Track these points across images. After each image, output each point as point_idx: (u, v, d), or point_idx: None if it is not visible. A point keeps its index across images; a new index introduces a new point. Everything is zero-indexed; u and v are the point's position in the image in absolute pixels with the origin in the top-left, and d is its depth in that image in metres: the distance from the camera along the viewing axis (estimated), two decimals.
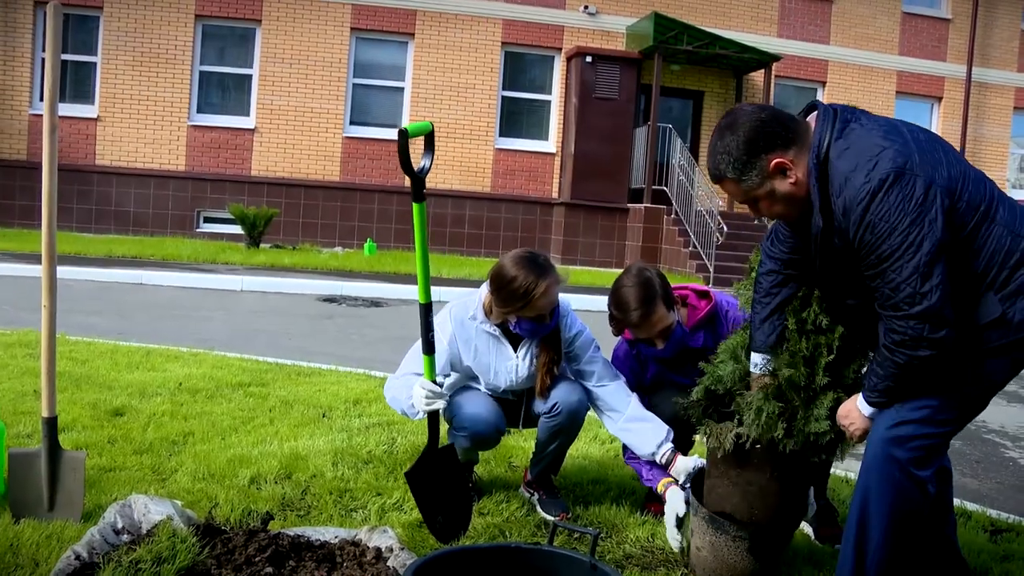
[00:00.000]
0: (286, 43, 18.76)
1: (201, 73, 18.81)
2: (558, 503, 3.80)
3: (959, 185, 2.57)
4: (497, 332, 3.70)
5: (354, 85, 19.22)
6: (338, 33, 18.94)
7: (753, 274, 3.22)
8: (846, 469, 4.40)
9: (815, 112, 2.74)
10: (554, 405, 3.68)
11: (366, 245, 17.71)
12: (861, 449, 2.86)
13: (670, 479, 3.58)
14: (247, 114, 18.87)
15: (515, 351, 3.72)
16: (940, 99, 22.16)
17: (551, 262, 3.63)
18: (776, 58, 19.58)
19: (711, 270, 16.46)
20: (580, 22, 19.75)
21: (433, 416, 3.49)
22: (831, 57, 21.39)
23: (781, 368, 3.04)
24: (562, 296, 3.66)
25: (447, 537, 3.34)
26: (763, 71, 19.97)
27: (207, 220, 18.71)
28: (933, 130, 3.49)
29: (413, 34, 19.24)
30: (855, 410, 2.82)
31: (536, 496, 3.84)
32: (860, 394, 2.80)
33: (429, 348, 3.42)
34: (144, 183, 18.33)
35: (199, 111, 18.79)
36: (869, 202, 2.51)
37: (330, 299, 11.75)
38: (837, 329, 2.98)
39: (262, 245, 16.84)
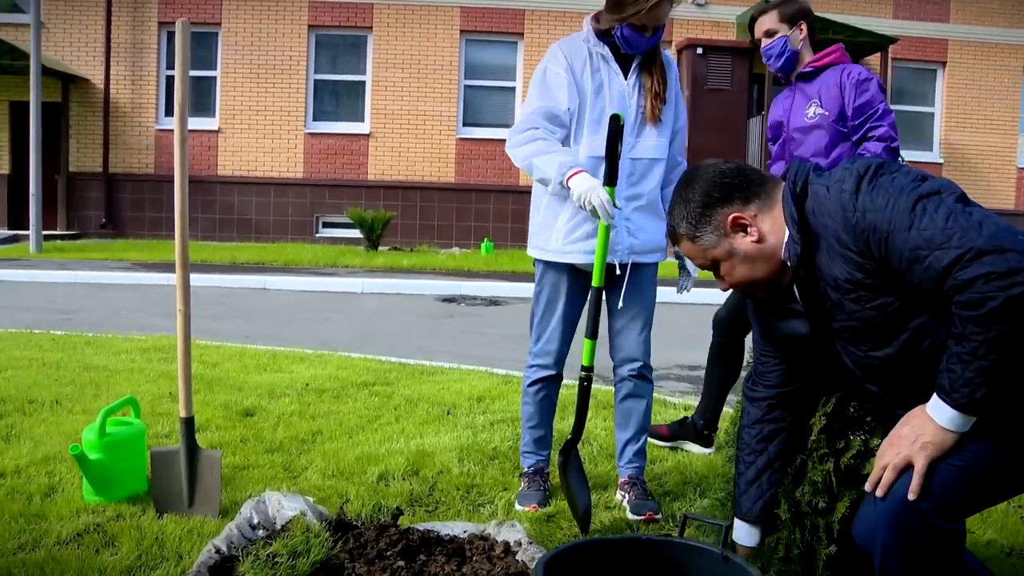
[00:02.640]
0: (397, 48, 19.02)
1: (316, 81, 19.21)
2: (648, 503, 3.68)
3: None
4: (607, 53, 3.60)
5: (465, 87, 19.37)
6: (448, 36, 19.12)
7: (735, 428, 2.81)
8: None
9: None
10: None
11: (483, 245, 17.82)
12: None
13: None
14: (361, 120, 19.19)
15: (624, 78, 3.63)
16: None
17: None
18: (893, 40, 19.02)
19: None
20: (690, 13, 19.53)
21: (584, 392, 3.56)
22: (951, 35, 20.68)
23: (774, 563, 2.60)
24: None
25: (586, 527, 3.34)
26: (879, 55, 19.45)
27: (326, 225, 19.08)
28: None
29: (522, 33, 19.30)
30: (925, 420, 2.14)
31: (627, 498, 3.75)
32: (929, 403, 2.15)
33: (593, 333, 3.46)
34: (264, 191, 18.80)
35: (315, 119, 19.19)
36: (855, 201, 2.17)
37: (449, 299, 11.85)
38: (838, 508, 2.48)
39: (380, 248, 17.10)
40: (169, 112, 18.35)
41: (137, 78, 18.84)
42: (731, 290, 2.54)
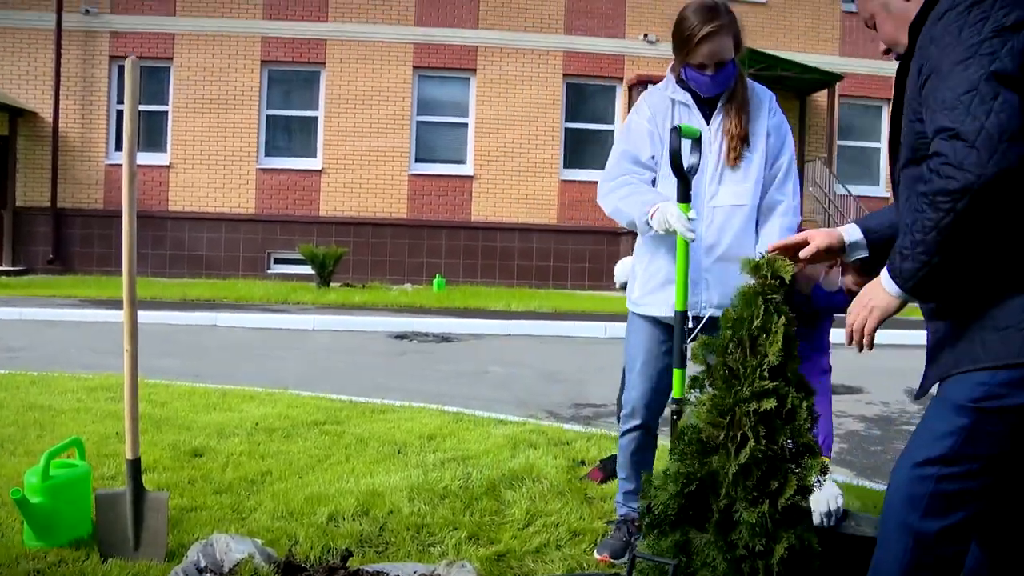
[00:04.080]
0: (350, 84, 19.06)
1: (268, 117, 19.19)
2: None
3: None
4: (688, 99, 3.57)
5: (418, 122, 19.43)
6: (400, 72, 19.19)
7: None
8: None
9: None
10: None
11: (435, 281, 17.82)
12: None
13: None
14: (314, 155, 19.18)
15: (707, 123, 3.57)
16: None
17: (732, 12, 3.45)
18: (839, 77, 19.41)
19: None
20: (640, 51, 19.77)
21: (673, 425, 3.47)
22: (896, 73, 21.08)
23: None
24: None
25: None
26: (826, 91, 19.81)
27: (278, 261, 19.00)
28: None
29: (475, 69, 19.42)
30: (875, 285, 2.34)
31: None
32: (884, 268, 2.32)
33: (682, 361, 3.29)
34: (216, 227, 18.69)
35: (267, 154, 19.15)
36: (938, 18, 2.22)
37: (401, 336, 11.82)
38: (776, 550, 2.48)
39: (332, 284, 17.03)
40: (120, 147, 18.22)
41: (87, 112, 18.71)
42: None
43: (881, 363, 10.22)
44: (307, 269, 17.51)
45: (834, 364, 4.29)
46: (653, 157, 3.54)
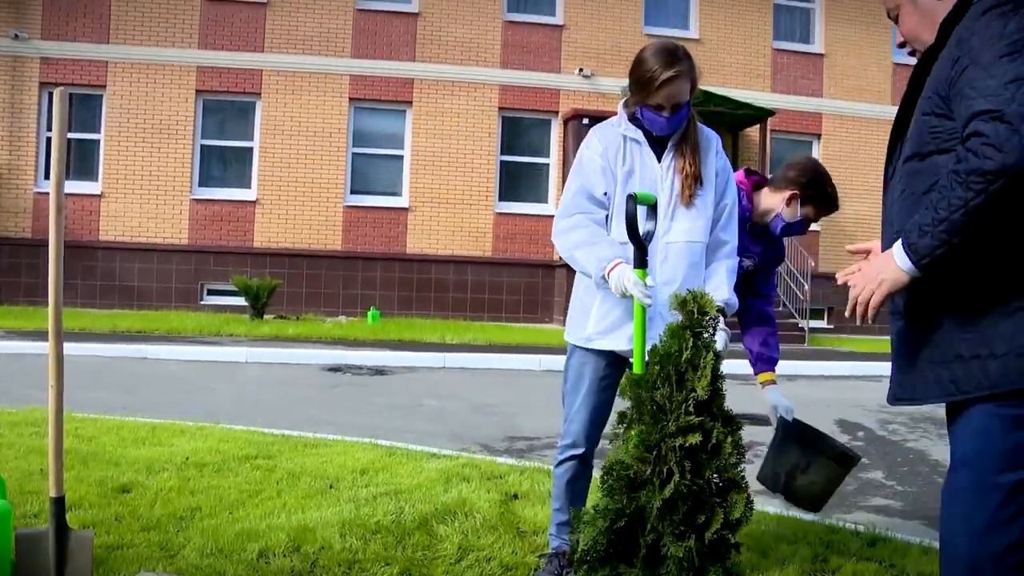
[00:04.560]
0: (286, 115, 18.99)
1: (202, 147, 19.02)
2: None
3: None
4: (640, 137, 3.62)
5: (354, 154, 19.41)
6: (336, 103, 19.17)
7: None
8: None
9: None
10: None
11: (369, 313, 17.75)
12: None
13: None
14: (248, 186, 19.05)
15: (659, 161, 3.62)
16: None
17: (690, 57, 3.53)
18: (771, 113, 19.77)
19: None
20: (576, 85, 19.97)
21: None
22: (825, 110, 21.60)
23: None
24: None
25: None
26: (759, 126, 20.16)
27: (211, 292, 18.79)
28: None
29: (411, 102, 19.46)
30: (887, 258, 2.37)
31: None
32: (899, 242, 2.35)
33: None
34: (148, 257, 18.45)
35: (201, 184, 18.97)
36: (980, 14, 2.26)
37: (335, 369, 11.76)
38: None
39: (266, 316, 16.88)
40: (49, 175, 17.93)
41: (15, 139, 18.40)
42: None
43: (810, 394, 10.40)
44: (241, 301, 17.34)
45: (750, 398, 4.44)
46: (606, 193, 3.59)
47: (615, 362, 3.62)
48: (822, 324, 20.97)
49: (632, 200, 3.27)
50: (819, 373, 13.30)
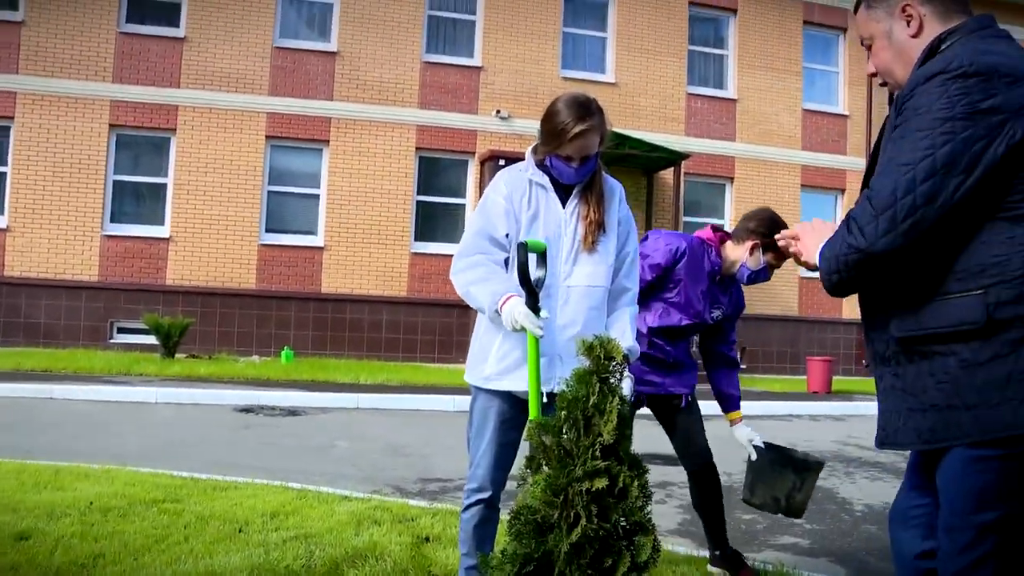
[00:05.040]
0: (201, 151, 18.79)
1: (115, 182, 18.70)
2: None
3: None
4: (546, 183, 3.67)
5: (269, 192, 19.27)
6: (253, 141, 19.04)
7: None
8: None
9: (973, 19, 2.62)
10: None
11: (283, 353, 17.58)
12: None
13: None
14: (162, 223, 18.77)
15: (563, 207, 3.68)
16: (843, 191, 22.96)
17: (602, 111, 3.65)
18: (684, 156, 20.13)
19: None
20: (493, 126, 20.12)
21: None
22: (738, 153, 22.07)
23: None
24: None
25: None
26: (673, 169, 20.51)
27: (121, 331, 18.41)
28: (837, 221, 3.41)
29: (328, 141, 19.41)
30: (823, 235, 2.61)
31: None
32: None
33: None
34: (55, 294, 18.04)
35: (113, 220, 18.63)
36: (930, 76, 2.37)
37: (247, 409, 11.61)
38: None
39: (177, 355, 16.58)
40: None
41: None
42: None
43: (723, 433, 10.50)
44: (152, 339, 17.02)
45: (662, 437, 4.65)
46: (508, 235, 3.63)
47: (518, 403, 3.64)
48: None
49: (523, 248, 3.34)
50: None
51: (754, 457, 4.89)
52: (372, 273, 19.32)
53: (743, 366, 21.37)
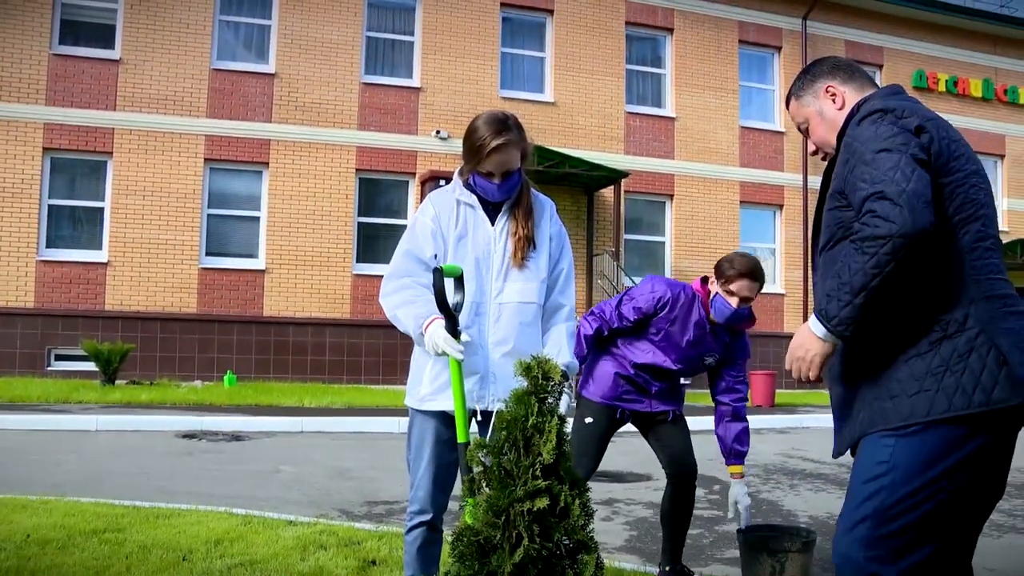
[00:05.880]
0: (139, 175, 18.60)
1: (50, 206, 18.43)
2: None
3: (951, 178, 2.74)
4: (474, 202, 3.71)
5: (209, 215, 19.11)
6: (191, 163, 18.90)
7: None
8: None
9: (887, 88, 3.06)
10: None
11: (226, 377, 17.42)
12: None
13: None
14: (100, 247, 18.53)
15: (492, 225, 3.71)
16: (781, 207, 23.35)
17: (521, 127, 3.67)
18: (624, 174, 20.33)
19: (574, 385, 16.72)
20: (432, 147, 20.17)
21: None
22: (677, 171, 22.33)
23: None
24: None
25: None
26: (613, 187, 20.68)
27: (59, 358, 18.12)
28: (776, 237, 3.67)
29: (267, 163, 19.33)
30: (806, 333, 2.77)
31: None
32: (812, 315, 2.78)
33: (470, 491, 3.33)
34: None
35: (48, 245, 18.35)
36: (858, 123, 2.81)
37: (190, 435, 11.48)
38: None
39: (118, 382, 16.36)
40: None
41: None
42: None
43: (713, 451, 10.59)
44: (91, 366, 16.77)
45: (623, 452, 4.64)
46: (436, 256, 3.66)
47: (454, 423, 3.65)
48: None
49: (439, 273, 3.38)
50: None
51: (730, 515, 5.01)
52: (314, 295, 19.23)
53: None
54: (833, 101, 3.08)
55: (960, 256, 2.69)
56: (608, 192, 21.29)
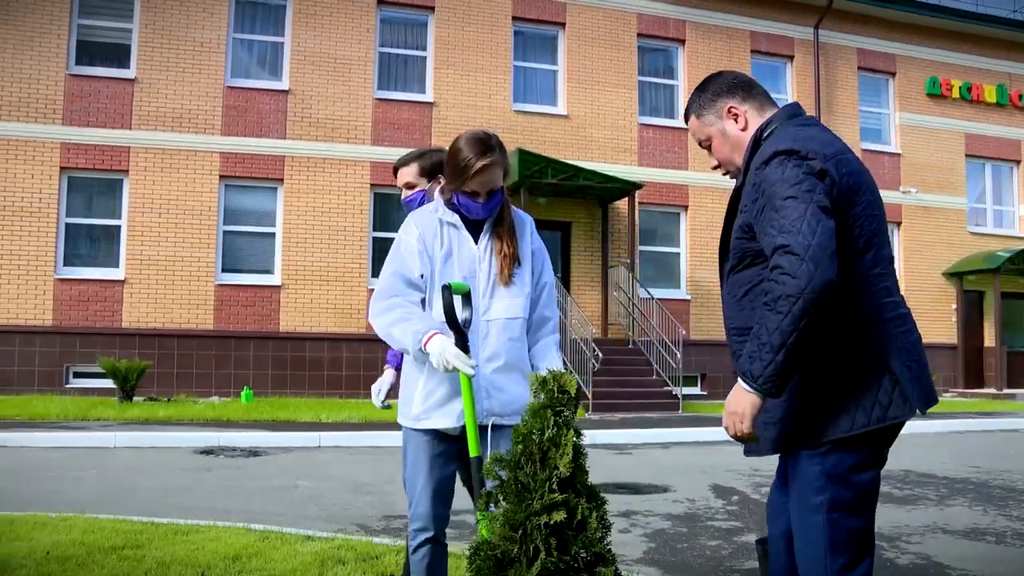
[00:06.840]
0: (155, 192, 18.71)
1: (68, 225, 18.56)
2: None
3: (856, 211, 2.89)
4: (457, 221, 3.72)
5: (225, 232, 19.20)
6: (207, 181, 18.99)
7: None
8: None
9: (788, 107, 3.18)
10: None
11: (243, 393, 17.47)
12: None
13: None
14: (116, 265, 18.64)
15: (475, 243, 3.72)
16: None
17: (503, 146, 3.70)
18: (638, 186, 20.32)
19: (590, 396, 16.70)
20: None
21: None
22: (691, 182, 22.30)
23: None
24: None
25: None
26: (627, 199, 20.67)
27: (77, 375, 18.22)
28: None
29: (282, 179, 19.40)
30: (739, 391, 2.87)
31: None
32: (739, 378, 2.88)
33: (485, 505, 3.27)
34: (8, 340, 17.82)
35: (66, 264, 18.48)
36: (766, 162, 2.89)
37: (207, 451, 11.52)
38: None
39: (136, 399, 16.44)
40: None
41: None
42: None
43: (685, 460, 10.57)
44: (109, 383, 16.86)
45: (640, 464, 4.56)
46: (423, 276, 3.67)
47: (447, 437, 3.67)
48: (695, 391, 21.42)
49: (447, 290, 3.43)
50: (694, 439, 13.54)
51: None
52: (330, 310, 19.28)
53: (703, 392, 21.51)
54: (735, 121, 3.17)
55: (860, 284, 2.89)
56: (622, 204, 21.29)
